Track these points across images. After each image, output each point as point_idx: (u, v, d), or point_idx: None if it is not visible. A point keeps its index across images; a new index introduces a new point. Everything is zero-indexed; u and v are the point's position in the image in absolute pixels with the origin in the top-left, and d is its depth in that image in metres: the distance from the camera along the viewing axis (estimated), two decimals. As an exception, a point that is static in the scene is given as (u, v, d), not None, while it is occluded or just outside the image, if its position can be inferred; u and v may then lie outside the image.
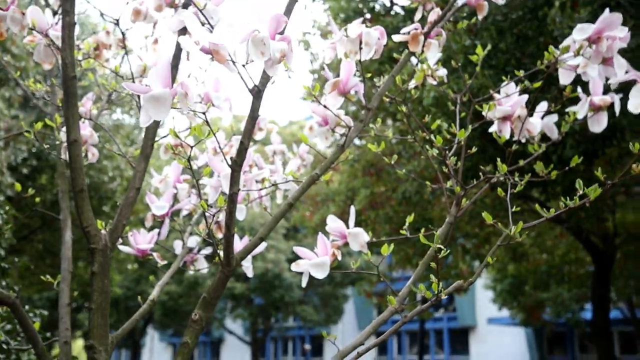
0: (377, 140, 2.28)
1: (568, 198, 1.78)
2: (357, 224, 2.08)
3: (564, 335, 23.60)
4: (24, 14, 1.93)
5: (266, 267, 21.07)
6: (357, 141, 10.66)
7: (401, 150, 9.10)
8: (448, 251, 1.69)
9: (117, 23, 2.31)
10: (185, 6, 2.15)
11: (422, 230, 1.82)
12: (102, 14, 2.33)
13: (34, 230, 10.77)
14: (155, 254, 2.38)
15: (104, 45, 2.92)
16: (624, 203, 10.49)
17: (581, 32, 1.99)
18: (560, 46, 2.07)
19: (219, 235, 2.48)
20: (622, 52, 2.06)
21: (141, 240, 2.38)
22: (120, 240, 2.17)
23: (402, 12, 7.69)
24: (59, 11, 2.45)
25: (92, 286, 1.90)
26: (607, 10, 1.99)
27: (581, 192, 1.75)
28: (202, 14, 1.65)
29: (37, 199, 2.30)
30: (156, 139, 2.35)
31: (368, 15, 8.08)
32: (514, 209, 1.91)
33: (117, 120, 11.91)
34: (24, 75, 8.19)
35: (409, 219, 2.03)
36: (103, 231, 1.98)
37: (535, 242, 12.71)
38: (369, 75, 2.13)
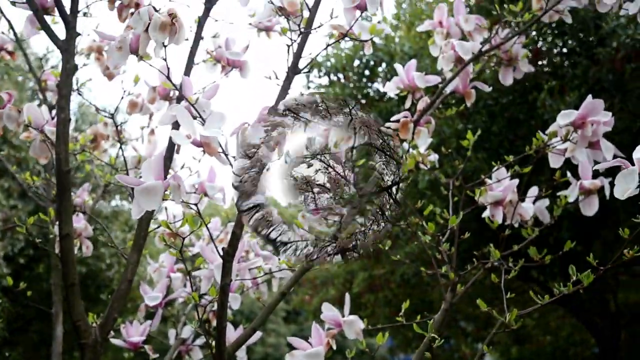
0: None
1: (562, 284, 1.77)
2: (356, 307, 2.06)
3: (573, 420, 22.77)
4: (20, 111, 1.97)
5: (266, 352, 20.58)
6: (354, 224, 10.61)
7: (399, 232, 9.08)
8: (443, 340, 1.66)
9: (112, 117, 2.36)
10: (179, 100, 2.20)
11: (419, 316, 1.79)
12: (97, 110, 2.38)
13: (29, 321, 10.59)
14: (147, 347, 2.34)
15: (102, 136, 2.97)
16: (626, 282, 10.36)
17: (565, 117, 2.03)
18: (547, 131, 2.11)
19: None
20: (610, 135, 2.09)
21: (133, 332, 2.34)
22: (112, 333, 2.13)
23: (395, 98, 7.85)
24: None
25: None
26: (589, 96, 2.04)
27: (574, 277, 1.74)
28: (194, 107, 1.68)
29: (29, 293, 2.28)
30: (152, 227, 2.35)
31: (363, 101, 8.24)
32: (510, 295, 1.89)
33: (115, 206, 11.93)
34: (23, 165, 8.28)
35: (405, 305, 2.00)
36: (94, 324, 1.95)
37: (538, 323, 12.46)
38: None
